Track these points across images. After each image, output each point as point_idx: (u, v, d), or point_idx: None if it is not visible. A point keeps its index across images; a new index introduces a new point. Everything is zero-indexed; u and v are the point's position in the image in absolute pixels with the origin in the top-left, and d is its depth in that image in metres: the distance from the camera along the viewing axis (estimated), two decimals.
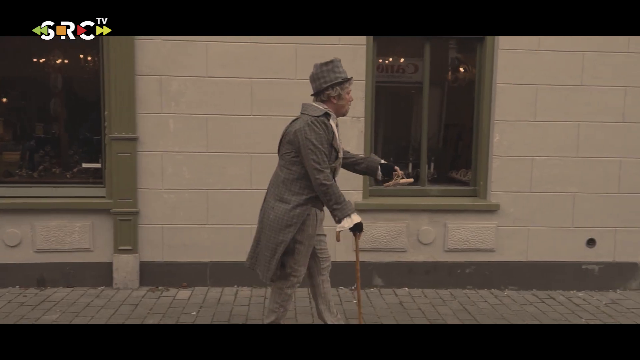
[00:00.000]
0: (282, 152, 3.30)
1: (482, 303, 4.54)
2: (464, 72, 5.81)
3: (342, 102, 3.26)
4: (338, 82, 3.20)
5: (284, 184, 3.24)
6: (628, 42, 4.74)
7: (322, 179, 3.09)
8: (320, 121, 3.15)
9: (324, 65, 3.23)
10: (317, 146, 3.09)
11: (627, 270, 4.94)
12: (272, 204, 3.26)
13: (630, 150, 4.84)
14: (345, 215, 3.13)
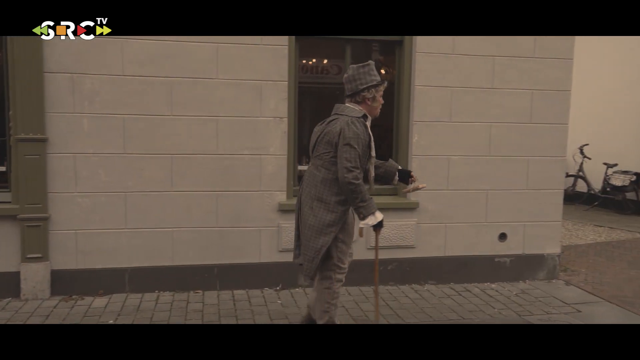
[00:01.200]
0: (319, 152, 3.36)
1: (404, 298, 4.68)
2: (385, 74, 5.95)
3: (375, 104, 3.40)
4: (373, 84, 3.33)
5: (322, 183, 3.30)
6: (534, 48, 5.05)
7: (351, 177, 3.17)
8: (360, 122, 3.28)
9: (360, 67, 3.34)
10: (352, 146, 3.18)
11: (535, 261, 5.26)
12: (310, 203, 3.33)
13: (536, 150, 5.16)
14: (370, 213, 3.25)
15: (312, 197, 3.33)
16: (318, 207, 3.29)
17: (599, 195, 9.41)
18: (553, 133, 5.19)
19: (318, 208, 3.29)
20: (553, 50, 5.08)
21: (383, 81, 3.39)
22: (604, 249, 6.62)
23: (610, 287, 5.14)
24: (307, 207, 3.35)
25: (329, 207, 3.28)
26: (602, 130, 9.40)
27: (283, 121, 4.68)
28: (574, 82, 7.15)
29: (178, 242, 4.59)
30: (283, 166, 4.72)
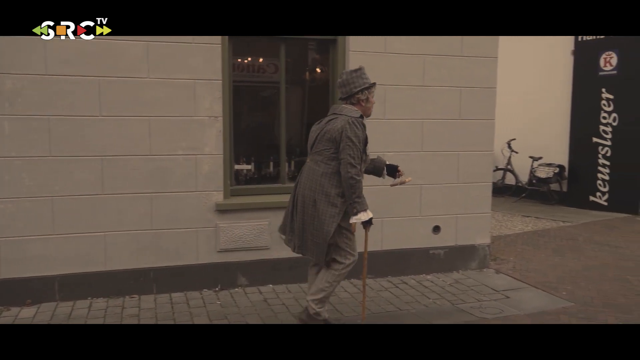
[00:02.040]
0: (319, 148, 3.60)
1: (343, 293, 4.75)
2: (321, 72, 6.01)
3: (368, 105, 3.68)
4: (366, 87, 3.61)
5: (323, 177, 3.53)
6: (461, 47, 5.25)
7: (354, 173, 3.43)
8: (360, 122, 3.54)
9: (353, 72, 3.63)
10: (355, 143, 3.44)
11: (467, 252, 5.48)
12: (312, 196, 3.55)
13: (466, 145, 5.38)
14: (363, 210, 3.47)
15: (313, 190, 3.56)
16: (320, 200, 3.52)
17: (526, 187, 9.91)
18: (481, 128, 5.42)
19: (320, 200, 3.52)
20: (479, 49, 5.30)
21: (374, 83, 3.67)
22: (530, 238, 6.98)
23: (536, 273, 5.43)
24: (309, 199, 3.57)
25: (330, 198, 3.52)
26: (528, 125, 9.90)
27: (218, 120, 4.63)
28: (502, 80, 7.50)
29: (111, 247, 4.45)
30: (219, 166, 4.68)
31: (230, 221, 4.73)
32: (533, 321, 4.19)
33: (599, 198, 9.00)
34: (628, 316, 4.32)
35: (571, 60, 9.29)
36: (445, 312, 4.38)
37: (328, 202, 3.51)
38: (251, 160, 5.37)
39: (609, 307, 4.53)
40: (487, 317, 4.28)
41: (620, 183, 8.70)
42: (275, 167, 5.33)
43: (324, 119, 3.70)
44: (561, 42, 9.34)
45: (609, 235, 7.16)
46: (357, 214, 3.46)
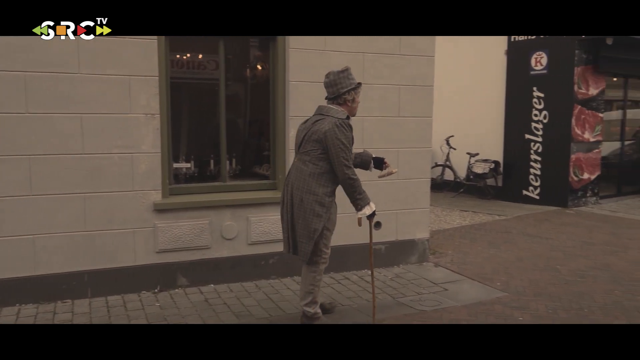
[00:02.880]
0: (306, 149, 3.67)
1: (286, 291, 4.75)
2: (262, 69, 5.97)
3: (354, 105, 3.78)
4: (353, 87, 3.71)
5: (311, 177, 3.62)
6: (399, 45, 5.35)
7: (351, 174, 3.59)
8: (346, 123, 3.63)
9: (340, 72, 3.72)
10: (346, 145, 3.56)
11: (407, 247, 5.61)
12: (300, 196, 3.63)
13: (405, 141, 5.49)
14: (365, 204, 3.64)
15: (301, 190, 3.64)
16: (308, 199, 3.62)
17: (464, 183, 10.24)
18: (419, 125, 5.55)
19: (308, 200, 3.62)
20: (416, 48, 5.42)
21: (360, 83, 3.78)
22: (468, 232, 7.22)
23: (473, 265, 5.62)
24: (298, 199, 3.65)
25: (318, 198, 3.62)
26: (465, 123, 10.23)
27: (155, 118, 4.51)
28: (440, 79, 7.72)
29: (41, 250, 4.25)
30: (157, 164, 4.56)
31: (169, 221, 4.62)
32: (470, 313, 4.34)
33: (531, 192, 9.42)
34: (557, 304, 4.54)
35: (504, 60, 9.67)
36: (386, 306, 4.46)
37: (315, 201, 3.61)
38: (191, 158, 5.27)
39: (540, 295, 4.75)
40: (426, 310, 4.39)
41: (551, 178, 9.14)
42: (216, 165, 5.25)
43: (310, 119, 3.79)
44: (495, 42, 9.70)
45: (540, 228, 7.51)
46: (361, 209, 3.65)
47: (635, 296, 4.74)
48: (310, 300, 3.84)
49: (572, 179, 9.01)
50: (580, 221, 8.04)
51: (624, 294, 4.80)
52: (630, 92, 10.39)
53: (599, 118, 9.28)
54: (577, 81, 8.81)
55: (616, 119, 10.31)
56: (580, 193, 9.19)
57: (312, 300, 3.84)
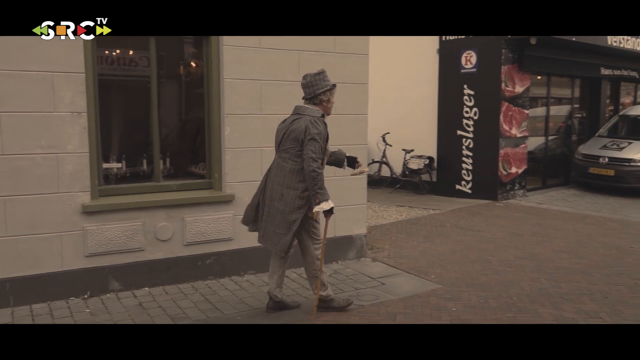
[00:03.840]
0: (285, 146, 3.92)
1: (223, 291, 4.68)
2: (197, 66, 5.85)
3: (329, 105, 4.03)
4: (328, 88, 3.96)
5: (291, 173, 3.88)
6: (334, 44, 5.39)
7: (316, 166, 3.77)
8: (321, 121, 3.89)
9: (316, 75, 3.97)
10: (317, 140, 3.78)
11: (345, 243, 5.66)
12: (280, 190, 3.88)
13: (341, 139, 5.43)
14: (325, 199, 3.81)
15: (281, 185, 3.89)
16: (288, 193, 3.86)
17: (400, 179, 10.46)
18: (355, 123, 5.61)
19: (288, 194, 3.86)
20: (351, 46, 5.47)
21: (334, 85, 4.02)
22: (404, 227, 7.39)
23: (409, 259, 5.76)
24: (277, 194, 3.89)
25: (297, 192, 3.86)
26: (401, 120, 10.45)
27: (82, 116, 4.32)
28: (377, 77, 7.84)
29: None
30: (85, 165, 4.37)
31: (99, 223, 4.44)
32: (406, 306, 4.43)
33: (464, 187, 9.76)
34: (488, 293, 4.73)
35: (437, 58, 9.95)
36: None
37: (296, 195, 3.87)
38: (122, 158, 5.09)
39: (472, 286, 4.93)
40: (364, 305, 4.45)
41: (481, 172, 9.50)
42: (149, 165, 5.09)
43: (288, 119, 4.03)
44: (428, 41, 9.96)
45: (472, 221, 7.80)
46: (319, 203, 3.81)
47: (560, 283, 5.02)
48: (318, 281, 4.09)
49: (501, 173, 9.41)
50: (509, 213, 8.42)
51: (549, 282, 5.06)
52: (553, 90, 10.97)
53: (525, 114, 9.73)
54: (504, 79, 9.20)
55: (541, 115, 10.85)
56: (509, 186, 9.61)
57: (321, 283, 4.11)
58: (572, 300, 4.57)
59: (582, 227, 7.47)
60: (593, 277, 5.21)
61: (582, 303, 4.50)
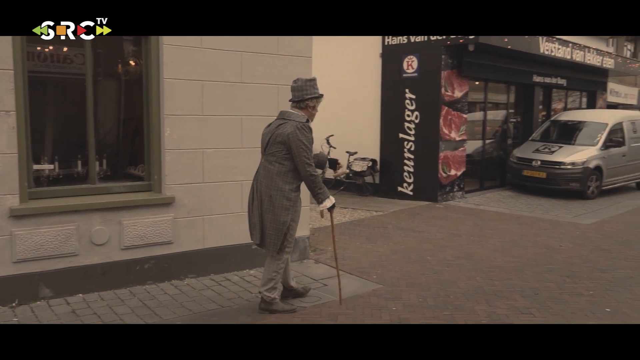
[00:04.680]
0: (272, 150, 4.09)
1: (162, 296, 4.57)
2: (136, 65, 5.69)
3: (314, 112, 4.23)
4: (316, 96, 4.17)
5: (278, 175, 4.04)
6: (277, 45, 5.38)
7: (312, 171, 4.01)
8: (307, 126, 4.06)
9: (307, 81, 4.18)
10: (307, 145, 3.99)
11: None
12: (269, 192, 4.05)
13: None
14: (326, 198, 4.09)
15: (269, 187, 4.05)
16: (276, 195, 4.03)
17: (344, 181, 10.56)
18: None
19: (276, 196, 4.03)
20: (294, 48, 5.49)
21: (322, 95, 4.23)
22: (347, 228, 7.46)
23: (351, 260, 5.82)
24: (266, 196, 4.06)
25: (285, 194, 4.03)
26: (345, 122, 10.56)
27: (10, 115, 4.11)
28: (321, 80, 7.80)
29: None
30: (13, 166, 4.16)
31: (29, 228, 4.23)
32: (348, 306, 4.48)
33: (405, 188, 9.98)
34: (427, 292, 4.85)
35: (380, 62, 10.14)
36: None
37: (283, 196, 4.03)
38: (55, 159, 4.89)
39: (412, 285, 5.04)
40: (306, 306, 4.47)
41: (422, 174, 9.75)
42: (84, 167, 4.92)
43: (273, 123, 4.20)
44: (371, 45, 10.14)
45: (413, 222, 7.99)
46: (322, 202, 4.10)
47: (494, 281, 5.21)
48: (271, 286, 4.21)
49: (441, 175, 9.68)
50: (449, 214, 8.68)
51: (484, 280, 5.25)
52: (490, 95, 11.41)
53: (464, 119, 10.06)
54: (444, 84, 9.48)
55: (479, 120, 11.26)
56: (449, 188, 9.91)
57: (273, 286, 4.22)
58: (505, 297, 4.76)
59: (516, 227, 7.80)
60: (525, 274, 5.45)
61: (514, 300, 4.70)
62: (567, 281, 5.26)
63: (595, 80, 14.60)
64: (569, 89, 14.10)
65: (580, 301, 4.70)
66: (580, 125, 11.69)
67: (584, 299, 4.75)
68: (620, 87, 19.06)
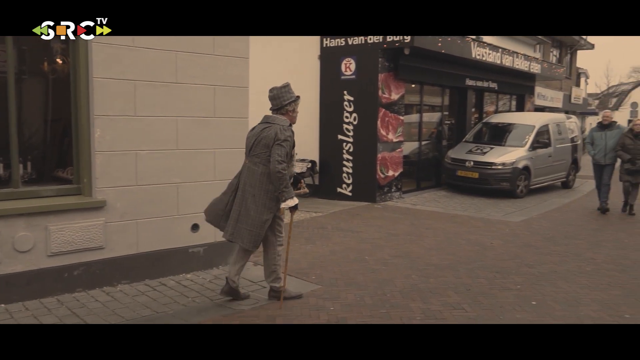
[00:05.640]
0: (256, 152, 4.35)
1: (93, 303, 4.40)
2: (64, 63, 5.45)
3: (294, 115, 4.52)
4: (293, 100, 4.45)
5: (262, 176, 4.30)
6: (213, 45, 5.31)
7: (281, 168, 4.18)
8: (289, 129, 4.36)
9: (282, 88, 4.47)
10: (283, 146, 4.22)
11: (226, 247, 5.58)
12: (252, 192, 4.31)
13: (222, 142, 5.47)
14: (289, 197, 4.24)
15: (253, 186, 4.31)
16: (260, 195, 4.29)
17: None
18: (236, 126, 5.57)
19: (260, 195, 4.29)
20: (230, 49, 5.43)
21: (298, 97, 4.51)
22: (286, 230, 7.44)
23: (291, 262, 5.77)
24: (250, 195, 4.31)
25: (269, 194, 4.29)
26: None
27: None
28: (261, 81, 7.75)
29: None
30: None
31: None
32: (286, 308, 4.48)
33: (344, 189, 10.09)
34: (364, 292, 4.93)
35: (318, 64, 10.21)
36: (203, 309, 4.40)
37: (267, 196, 4.29)
38: None
39: (350, 285, 5.11)
40: (244, 309, 4.43)
41: (361, 175, 9.90)
42: (7, 170, 4.65)
43: (257, 127, 4.45)
44: (310, 47, 10.19)
45: (352, 222, 8.09)
46: (285, 200, 4.24)
47: (429, 279, 5.36)
48: (274, 277, 4.59)
49: (379, 176, 9.87)
50: (387, 214, 8.85)
51: (419, 278, 5.39)
52: (426, 98, 11.74)
53: (400, 120, 10.30)
54: (381, 86, 9.67)
55: (415, 122, 11.56)
56: (387, 189, 10.11)
57: (277, 276, 4.59)
58: (439, 294, 4.91)
59: (450, 226, 8.06)
60: (458, 271, 5.65)
61: (447, 296, 4.85)
62: (497, 277, 5.49)
63: (524, 84, 15.34)
64: (499, 93, 14.74)
65: (508, 295, 4.91)
66: (510, 127, 12.24)
67: (512, 294, 4.97)
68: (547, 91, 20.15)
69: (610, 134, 9.29)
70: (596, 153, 9.43)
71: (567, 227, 8.23)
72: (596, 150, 9.43)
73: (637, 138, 8.92)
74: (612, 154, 9.26)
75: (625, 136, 9.05)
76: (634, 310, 4.60)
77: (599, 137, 9.41)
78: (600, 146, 9.36)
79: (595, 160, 9.52)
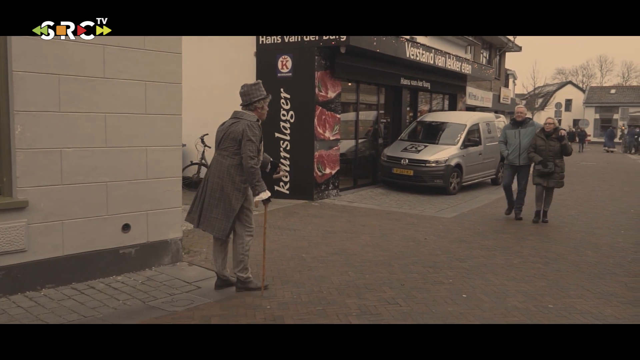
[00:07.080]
0: (225, 145, 4.60)
1: (15, 309, 4.16)
2: None
3: (263, 111, 4.72)
4: (262, 97, 4.66)
5: (230, 168, 4.54)
6: (144, 40, 5.14)
7: (253, 163, 4.43)
8: (257, 125, 4.57)
9: (252, 85, 4.68)
10: (253, 141, 4.45)
11: (160, 248, 5.44)
12: (220, 183, 4.55)
13: (154, 140, 5.31)
14: (262, 190, 4.47)
15: (221, 178, 4.55)
16: (227, 185, 4.53)
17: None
18: (168, 123, 5.43)
19: (227, 186, 4.53)
20: (162, 44, 5.27)
21: (269, 94, 4.70)
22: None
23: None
24: (217, 186, 4.56)
25: (235, 185, 4.54)
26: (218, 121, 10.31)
27: None
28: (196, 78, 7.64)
29: None
30: None
31: None
32: (222, 307, 4.42)
33: (282, 187, 10.06)
34: (301, 289, 4.93)
35: (254, 61, 10.12)
36: (134, 312, 4.26)
37: (234, 187, 4.53)
38: None
39: (287, 283, 5.10)
40: (178, 310, 4.33)
41: (298, 173, 9.90)
42: None
43: (227, 122, 4.69)
44: (246, 43, 10.08)
45: (289, 221, 8.08)
46: (259, 193, 4.46)
47: (365, 275, 5.44)
48: (242, 267, 4.74)
49: (316, 174, 9.91)
50: (324, 212, 8.91)
51: (355, 274, 5.46)
52: (362, 96, 11.90)
53: (337, 118, 10.39)
54: (317, 84, 9.71)
55: (351, 120, 11.69)
56: (324, 186, 10.17)
57: (244, 267, 4.75)
58: (375, 289, 5.00)
59: (386, 223, 8.22)
60: (393, 267, 5.76)
61: (383, 291, 4.94)
62: (430, 271, 5.64)
63: (456, 84, 15.88)
64: (433, 92, 15.18)
65: (441, 289, 5.06)
66: (443, 125, 12.63)
67: (444, 287, 5.13)
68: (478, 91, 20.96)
69: (524, 132, 8.47)
70: (510, 153, 8.53)
71: (495, 222, 8.60)
72: (510, 149, 8.54)
73: (549, 138, 8.19)
74: (527, 154, 8.37)
75: (537, 137, 8.27)
76: (557, 300, 4.86)
77: (512, 136, 8.53)
78: (514, 145, 8.48)
79: (509, 160, 8.60)
